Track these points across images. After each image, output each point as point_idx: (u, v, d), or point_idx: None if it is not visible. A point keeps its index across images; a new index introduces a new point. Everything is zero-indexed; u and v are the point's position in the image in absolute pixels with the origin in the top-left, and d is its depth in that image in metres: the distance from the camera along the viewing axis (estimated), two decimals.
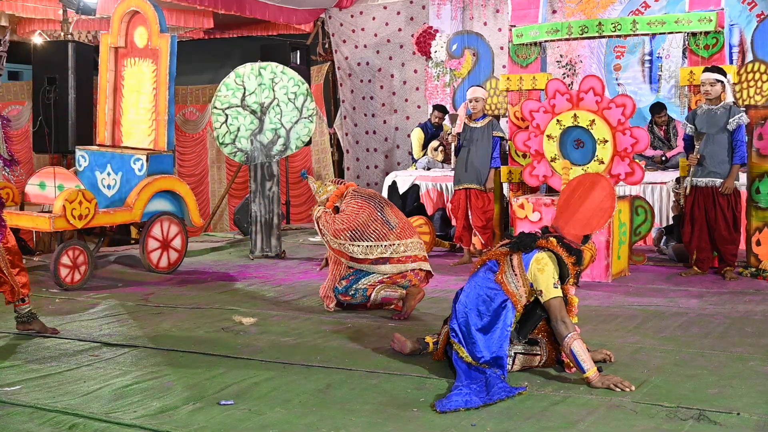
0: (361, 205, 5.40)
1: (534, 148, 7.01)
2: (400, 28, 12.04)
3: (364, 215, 5.35)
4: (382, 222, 5.37)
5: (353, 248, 5.32)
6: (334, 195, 5.56)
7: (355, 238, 5.32)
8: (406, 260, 5.41)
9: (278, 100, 8.08)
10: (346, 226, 5.33)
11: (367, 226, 5.34)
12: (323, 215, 5.46)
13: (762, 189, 6.78)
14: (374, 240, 5.32)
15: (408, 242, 5.43)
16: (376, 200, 5.49)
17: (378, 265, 5.38)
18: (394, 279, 5.41)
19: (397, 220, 5.46)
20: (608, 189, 4.09)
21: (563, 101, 6.79)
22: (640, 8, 10.02)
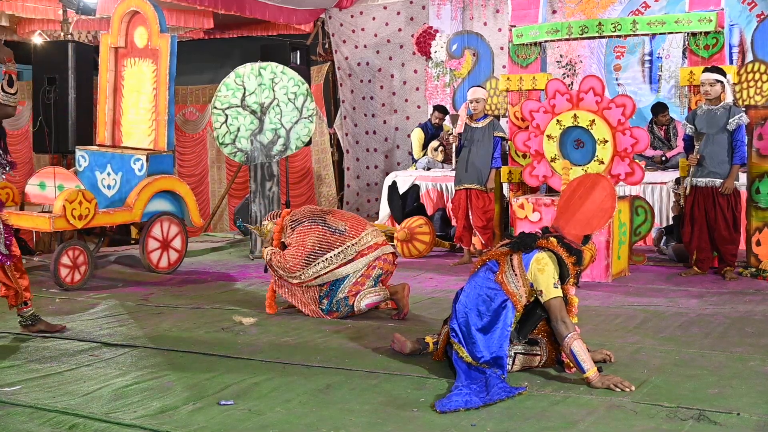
0: (302, 230, 5.35)
1: (534, 148, 7.01)
2: (400, 28, 12.04)
3: (311, 239, 5.32)
4: (331, 233, 5.35)
5: (312, 271, 5.30)
6: (276, 232, 5.51)
7: (309, 263, 5.29)
8: (368, 251, 5.41)
9: (278, 100, 8.08)
10: (298, 260, 5.29)
11: (319, 243, 5.31)
12: (272, 256, 5.40)
13: (762, 189, 6.78)
14: (332, 249, 5.31)
15: (362, 236, 5.42)
16: (315, 216, 5.43)
17: (342, 268, 5.35)
18: (366, 274, 5.39)
19: (343, 222, 5.44)
20: (609, 189, 4.09)
21: (563, 101, 6.79)
22: (640, 8, 10.02)
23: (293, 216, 5.48)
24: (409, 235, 8.11)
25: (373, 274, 5.44)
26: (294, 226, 5.42)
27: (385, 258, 5.50)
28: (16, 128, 13.26)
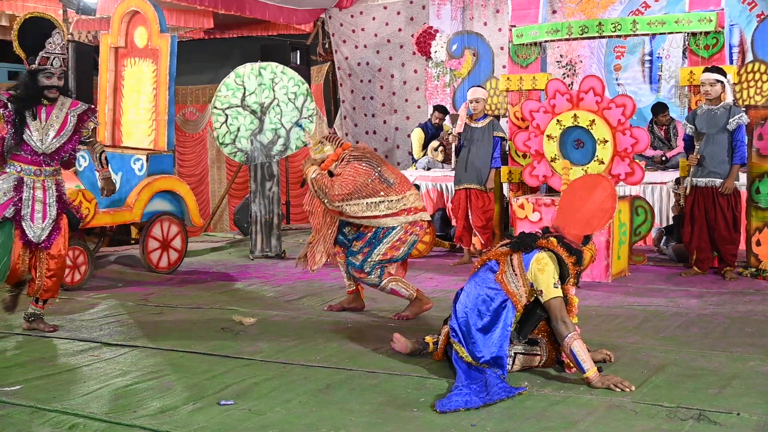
0: (357, 167, 5.26)
1: (534, 148, 7.00)
2: (400, 28, 12.04)
3: (362, 178, 5.23)
4: (380, 181, 5.26)
5: (353, 208, 5.20)
6: (330, 159, 5.39)
7: (352, 199, 5.20)
8: (408, 212, 5.30)
9: (278, 100, 8.08)
10: (345, 191, 5.19)
11: (366, 186, 5.22)
12: (319, 177, 5.28)
13: (762, 189, 6.78)
14: (374, 197, 5.22)
15: (407, 194, 5.33)
16: (373, 161, 5.34)
17: (382, 219, 5.25)
18: (402, 238, 5.29)
19: (394, 176, 5.36)
20: (610, 190, 4.09)
21: (563, 101, 6.79)
22: (640, 8, 10.02)
23: (353, 151, 5.39)
24: None
25: (409, 240, 5.32)
26: (350, 160, 5.31)
27: (421, 225, 5.38)
28: None
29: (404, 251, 5.35)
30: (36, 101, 4.95)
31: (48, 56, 4.96)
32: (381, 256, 5.28)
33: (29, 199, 4.91)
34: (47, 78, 4.93)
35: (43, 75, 4.93)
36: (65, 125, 5.02)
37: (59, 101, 5.03)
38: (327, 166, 5.38)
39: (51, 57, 4.96)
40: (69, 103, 5.08)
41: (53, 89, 4.96)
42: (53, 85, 4.95)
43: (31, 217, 4.90)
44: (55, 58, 4.97)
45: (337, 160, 5.38)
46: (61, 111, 5.03)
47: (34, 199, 4.92)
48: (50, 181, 5.00)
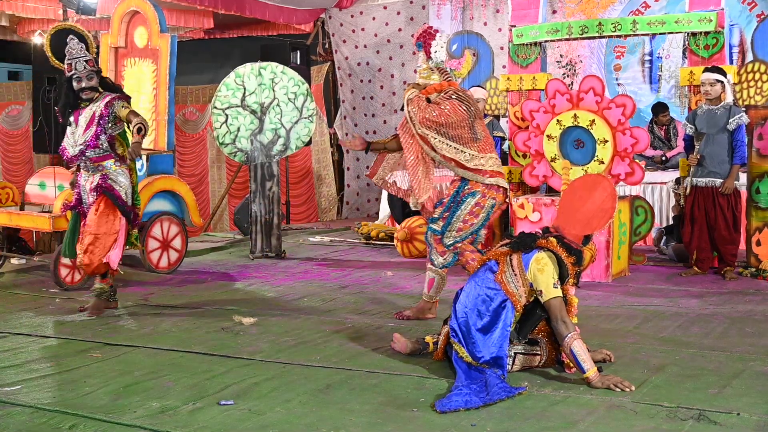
0: (455, 107, 5.08)
1: (534, 148, 7.01)
2: (400, 28, 12.05)
3: (455, 117, 5.05)
4: (469, 131, 5.09)
5: (438, 142, 5.05)
6: (433, 87, 5.22)
7: (439, 132, 5.06)
8: (485, 173, 5.11)
9: (278, 100, 8.08)
10: (436, 120, 5.03)
11: (455, 127, 5.04)
12: (415, 98, 5.15)
13: (762, 189, 6.78)
14: (458, 144, 5.08)
15: (488, 156, 5.15)
16: (471, 109, 5.14)
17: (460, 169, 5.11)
18: (480, 202, 5.10)
19: (483, 134, 5.19)
20: (610, 190, 4.09)
21: (563, 101, 6.79)
22: (640, 8, 10.03)
23: (459, 90, 5.24)
24: (409, 235, 8.10)
25: (487, 204, 5.12)
26: (452, 96, 5.14)
27: (499, 189, 5.18)
28: (16, 128, 13.26)
29: (483, 218, 5.12)
30: (74, 106, 5.38)
31: (71, 62, 5.30)
32: (461, 224, 5.10)
33: (83, 192, 5.51)
34: (77, 82, 5.33)
35: (74, 80, 5.33)
36: (92, 122, 5.38)
37: (96, 99, 5.41)
38: (428, 93, 5.21)
39: (73, 62, 5.29)
40: (105, 98, 5.41)
41: (86, 90, 5.34)
42: (84, 87, 5.33)
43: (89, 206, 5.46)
44: (77, 62, 5.29)
45: (440, 91, 5.20)
46: (91, 109, 5.40)
47: (84, 193, 5.50)
48: (97, 175, 5.45)
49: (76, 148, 5.40)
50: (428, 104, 5.13)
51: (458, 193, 5.17)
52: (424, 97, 5.18)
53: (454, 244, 5.17)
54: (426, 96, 5.19)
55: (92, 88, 5.35)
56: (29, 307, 5.85)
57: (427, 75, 5.28)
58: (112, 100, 5.43)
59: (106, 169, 5.46)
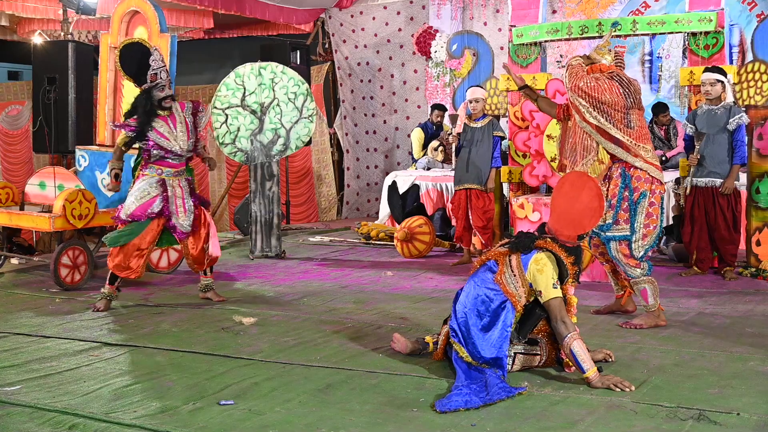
0: (612, 88, 4.96)
1: (534, 148, 7.01)
2: (400, 28, 12.05)
3: (610, 96, 4.92)
4: (624, 116, 4.93)
5: (586, 112, 4.95)
6: (599, 67, 5.11)
7: (592, 106, 4.93)
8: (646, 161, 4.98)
9: (278, 100, 8.07)
10: (587, 92, 4.92)
11: (608, 106, 4.92)
12: (577, 66, 5.07)
13: (762, 189, 6.78)
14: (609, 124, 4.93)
15: (646, 146, 4.98)
16: (630, 97, 5.00)
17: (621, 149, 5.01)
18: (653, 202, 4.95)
19: (638, 123, 5.00)
20: (596, 189, 4.10)
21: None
22: (640, 8, 10.02)
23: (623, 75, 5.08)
24: (409, 235, 8.11)
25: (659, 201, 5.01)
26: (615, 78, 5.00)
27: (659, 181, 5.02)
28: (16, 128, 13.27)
29: (658, 216, 4.99)
30: (156, 114, 5.70)
31: (156, 72, 5.68)
32: (645, 230, 4.95)
33: (173, 197, 5.75)
34: (160, 90, 5.68)
35: (156, 89, 5.68)
36: (188, 127, 5.88)
37: (172, 108, 5.80)
38: (592, 70, 5.10)
39: (158, 71, 5.69)
40: (178, 106, 5.87)
41: (167, 99, 5.72)
42: (166, 95, 5.71)
43: (176, 212, 5.74)
44: (161, 71, 5.69)
45: (605, 72, 5.08)
46: (179, 115, 5.83)
47: (176, 197, 5.76)
48: (183, 180, 5.87)
49: (188, 151, 5.88)
50: (586, 74, 5.03)
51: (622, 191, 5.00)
52: (587, 68, 5.10)
53: (646, 254, 5.01)
54: (590, 72, 5.08)
55: (171, 97, 5.78)
56: (29, 307, 5.85)
57: (603, 52, 5.18)
58: (197, 109, 5.98)
59: (186, 174, 5.94)
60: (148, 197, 5.68)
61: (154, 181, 5.74)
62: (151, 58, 5.72)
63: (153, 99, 5.69)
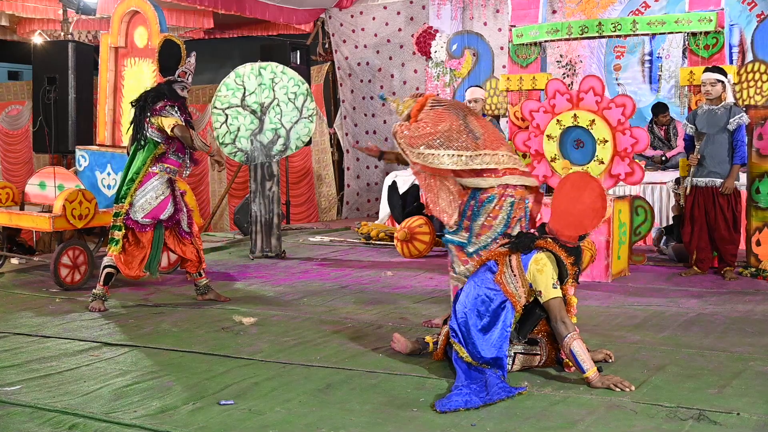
0: (441, 113, 4.75)
1: (534, 148, 7.00)
2: (400, 28, 12.05)
3: (445, 124, 4.63)
4: (466, 132, 4.64)
5: (434, 158, 4.62)
6: (415, 109, 4.88)
7: (433, 146, 4.63)
8: (497, 173, 4.67)
9: (278, 100, 8.07)
10: (422, 133, 4.66)
11: (449, 134, 4.61)
12: (398, 127, 4.80)
13: (762, 189, 6.78)
14: (457, 150, 4.58)
15: (499, 153, 4.71)
16: (458, 109, 4.84)
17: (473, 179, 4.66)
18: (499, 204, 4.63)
19: (482, 131, 4.80)
20: (598, 190, 4.09)
21: (563, 101, 6.79)
22: (640, 8, 10.03)
23: (437, 100, 4.92)
24: (409, 235, 8.11)
25: (505, 205, 4.63)
26: (434, 105, 4.82)
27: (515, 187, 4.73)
28: (16, 128, 13.27)
29: (503, 218, 4.67)
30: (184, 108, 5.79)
31: (186, 71, 5.78)
32: (481, 231, 4.67)
33: (180, 196, 5.84)
34: (182, 90, 5.74)
35: (179, 86, 5.73)
36: None
37: None
38: (413, 120, 4.84)
39: (188, 73, 5.79)
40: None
41: (185, 99, 5.80)
42: (186, 97, 5.80)
43: (181, 209, 5.81)
44: (190, 75, 5.82)
45: (421, 109, 4.85)
46: None
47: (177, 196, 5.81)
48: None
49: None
50: (406, 123, 4.83)
51: (474, 197, 4.76)
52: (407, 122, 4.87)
53: (478, 252, 4.73)
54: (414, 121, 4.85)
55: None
56: (29, 307, 5.85)
57: (403, 107, 4.98)
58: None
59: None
60: (163, 197, 5.71)
61: (165, 180, 5.74)
62: (189, 59, 5.90)
63: (175, 93, 5.73)
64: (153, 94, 5.73)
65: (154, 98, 5.69)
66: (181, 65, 5.81)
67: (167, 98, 5.66)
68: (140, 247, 5.73)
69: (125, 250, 5.71)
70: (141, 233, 5.70)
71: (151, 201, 5.66)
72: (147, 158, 5.70)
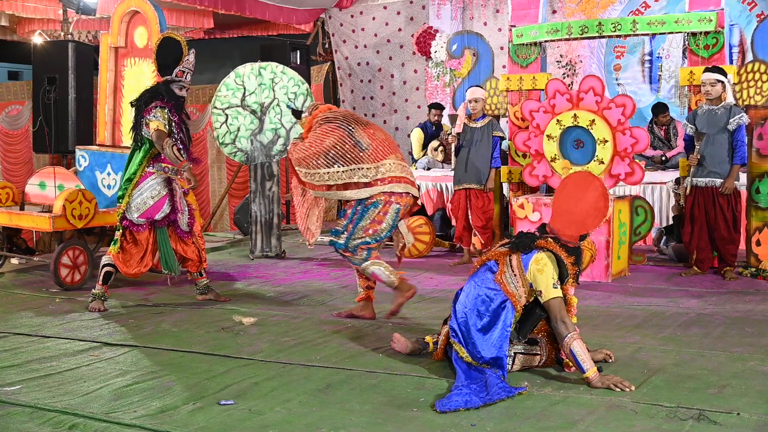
0: (326, 129, 4.96)
1: (534, 148, 7.01)
2: (400, 28, 12.05)
3: (330, 140, 4.89)
4: (352, 144, 4.89)
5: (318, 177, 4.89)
6: (306, 127, 5.14)
7: (319, 165, 4.88)
8: (384, 181, 4.92)
9: (278, 100, 8.08)
10: (308, 154, 4.90)
11: (335, 149, 4.87)
12: (291, 146, 5.04)
13: (762, 189, 6.78)
14: (343, 164, 4.86)
15: (385, 162, 4.93)
16: (346, 121, 5.01)
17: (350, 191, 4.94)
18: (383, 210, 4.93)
19: (369, 141, 4.95)
20: (601, 189, 4.08)
21: (563, 101, 6.79)
22: (640, 8, 10.02)
23: (327, 114, 5.11)
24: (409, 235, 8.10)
25: (391, 210, 4.93)
26: (321, 123, 5.04)
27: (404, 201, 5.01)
28: (16, 128, 13.27)
29: (388, 224, 4.96)
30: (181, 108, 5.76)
31: (184, 71, 5.75)
32: (364, 233, 4.95)
33: (179, 196, 5.77)
34: (180, 89, 5.72)
35: (177, 86, 5.71)
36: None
37: None
38: (306, 135, 5.10)
39: (186, 72, 5.76)
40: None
41: (183, 99, 5.77)
42: (184, 96, 5.78)
43: (180, 209, 5.76)
44: (188, 74, 5.79)
45: (311, 128, 5.09)
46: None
47: (177, 195, 5.76)
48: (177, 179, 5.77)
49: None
50: (295, 141, 5.13)
51: (360, 203, 4.98)
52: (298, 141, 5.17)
53: (360, 246, 4.99)
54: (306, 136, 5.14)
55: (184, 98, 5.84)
56: (29, 307, 5.86)
57: (302, 123, 5.30)
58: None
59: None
60: (159, 197, 5.68)
61: (162, 180, 5.71)
62: (187, 58, 5.78)
63: (173, 92, 5.69)
64: (149, 94, 5.72)
65: (149, 98, 5.67)
66: (180, 64, 5.74)
67: (161, 98, 5.63)
68: (138, 245, 5.72)
69: (123, 249, 5.70)
70: (137, 233, 5.68)
71: (147, 200, 5.65)
72: (143, 158, 5.70)
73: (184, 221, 5.81)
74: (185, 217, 5.82)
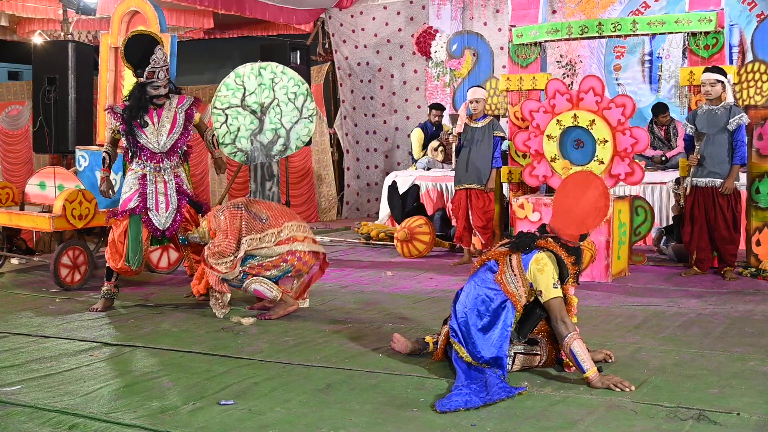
0: (227, 216, 5.42)
1: (534, 148, 7.01)
2: (400, 28, 12.05)
3: (237, 222, 5.40)
4: (254, 220, 5.43)
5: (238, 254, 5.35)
6: (207, 227, 5.56)
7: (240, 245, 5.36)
8: (286, 242, 5.45)
9: (278, 100, 8.06)
10: (230, 242, 5.34)
11: (245, 228, 5.39)
12: (206, 251, 5.43)
13: (762, 189, 6.78)
14: (253, 234, 5.40)
15: (283, 227, 5.48)
16: (237, 204, 5.53)
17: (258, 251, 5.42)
18: (275, 263, 5.45)
19: (267, 212, 5.52)
20: (602, 188, 4.08)
21: (563, 101, 6.79)
22: (640, 8, 10.03)
23: (217, 210, 5.57)
24: (409, 235, 8.11)
25: (282, 267, 5.47)
26: (219, 216, 5.47)
27: (300, 256, 5.51)
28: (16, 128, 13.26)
29: (272, 274, 5.47)
30: (145, 109, 5.68)
31: (154, 70, 5.65)
32: (246, 268, 5.42)
33: (153, 192, 5.70)
34: (154, 89, 5.67)
35: (151, 87, 5.67)
36: (175, 124, 5.79)
37: (167, 102, 5.77)
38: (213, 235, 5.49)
39: (156, 71, 5.66)
40: (176, 101, 5.83)
41: (160, 97, 5.71)
42: (159, 94, 5.69)
43: (155, 208, 5.68)
44: (159, 71, 5.67)
45: (210, 224, 5.53)
46: (170, 111, 5.77)
47: (156, 192, 5.70)
48: (170, 175, 5.76)
49: (164, 146, 5.72)
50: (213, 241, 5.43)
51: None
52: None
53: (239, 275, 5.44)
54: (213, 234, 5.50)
55: (166, 95, 5.76)
56: (29, 307, 5.86)
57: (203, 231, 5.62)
58: (193, 106, 5.96)
59: (181, 175, 5.86)
60: (129, 192, 5.69)
61: (137, 176, 5.73)
62: (153, 57, 5.66)
63: (146, 94, 5.69)
64: (124, 99, 5.86)
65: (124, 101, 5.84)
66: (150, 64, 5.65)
67: (123, 103, 5.78)
68: (120, 241, 5.73)
69: (109, 244, 5.74)
70: (116, 227, 5.71)
71: (122, 195, 5.75)
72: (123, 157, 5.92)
73: (162, 220, 5.74)
74: (166, 217, 5.74)
